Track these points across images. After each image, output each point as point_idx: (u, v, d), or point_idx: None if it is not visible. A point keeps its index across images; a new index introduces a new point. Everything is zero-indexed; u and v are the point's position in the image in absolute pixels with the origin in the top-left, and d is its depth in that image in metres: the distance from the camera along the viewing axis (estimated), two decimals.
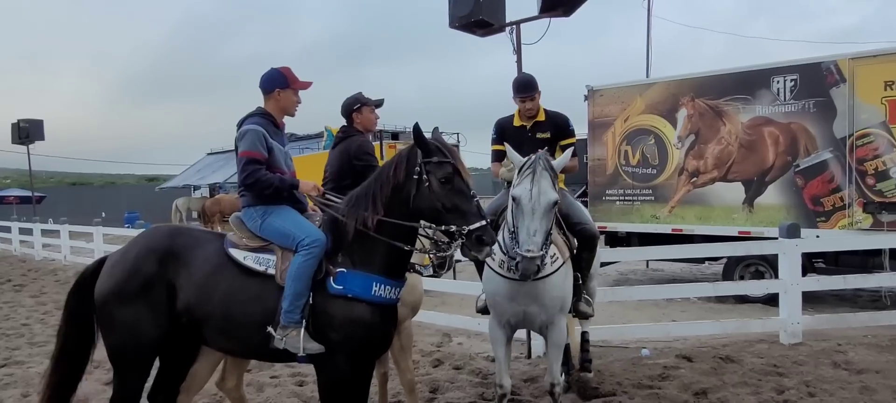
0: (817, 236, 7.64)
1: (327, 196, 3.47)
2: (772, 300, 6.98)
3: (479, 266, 4.15)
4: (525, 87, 4.35)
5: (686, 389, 4.69)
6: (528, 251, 3.24)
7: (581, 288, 4.10)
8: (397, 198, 3.11)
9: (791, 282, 5.85)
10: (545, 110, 4.43)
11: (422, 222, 3.19)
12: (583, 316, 4.27)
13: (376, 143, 9.87)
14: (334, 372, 3.13)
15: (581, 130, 9.97)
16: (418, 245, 3.31)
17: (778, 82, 8.09)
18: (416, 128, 3.10)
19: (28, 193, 24.81)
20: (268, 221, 3.29)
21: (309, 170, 9.02)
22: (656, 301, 8.27)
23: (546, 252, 3.41)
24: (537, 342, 5.65)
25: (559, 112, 4.51)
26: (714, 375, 4.98)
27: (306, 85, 3.53)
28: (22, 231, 17.80)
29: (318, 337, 3.10)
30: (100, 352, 3.47)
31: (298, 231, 3.19)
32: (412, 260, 3.38)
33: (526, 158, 3.46)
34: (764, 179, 8.27)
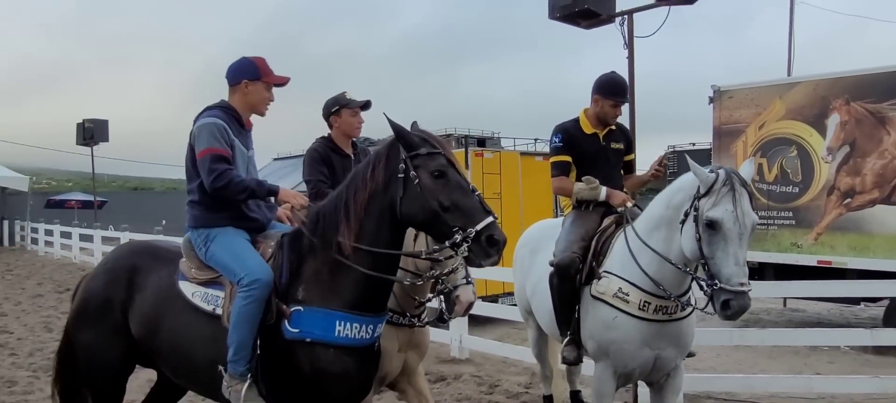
0: None
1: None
2: None
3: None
4: (621, 90, 4.22)
5: None
6: (742, 284, 3.07)
7: None
8: (378, 207, 2.90)
9: None
10: None
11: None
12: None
13: (460, 151, 9.91)
14: None
15: (705, 138, 9.67)
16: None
17: None
18: (394, 124, 2.91)
19: (90, 197, 26.90)
20: (211, 250, 3.17)
21: None
22: (796, 348, 7.82)
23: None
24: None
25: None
26: None
27: (282, 80, 3.39)
28: (82, 237, 19.31)
29: (282, 394, 2.99)
30: None
31: (239, 266, 3.03)
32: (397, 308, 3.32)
33: (712, 173, 3.27)
34: None
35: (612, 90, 4.16)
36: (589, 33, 6.32)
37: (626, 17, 5.87)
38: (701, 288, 3.34)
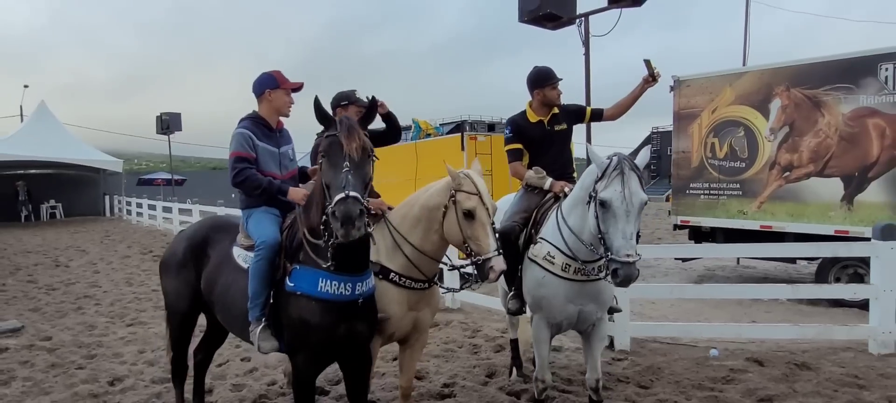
0: None
1: None
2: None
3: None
4: (552, 74, 4.11)
5: (750, 394, 4.31)
6: (628, 256, 3.00)
7: None
8: (323, 187, 2.84)
9: (883, 288, 5.18)
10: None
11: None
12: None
13: (457, 136, 9.81)
14: (297, 371, 3.05)
15: (666, 122, 9.42)
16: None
17: (886, 70, 7.12)
18: (315, 101, 2.83)
19: (170, 176, 27.40)
20: (248, 223, 3.35)
21: (394, 161, 9.14)
22: (740, 300, 7.65)
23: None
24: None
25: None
26: (784, 382, 4.53)
27: (297, 86, 3.45)
28: (164, 209, 19.83)
29: (281, 336, 3.07)
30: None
31: (256, 233, 3.18)
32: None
33: (607, 160, 3.19)
34: (866, 175, 7.34)
35: (545, 78, 4.10)
36: (557, 34, 6.17)
37: (583, 19, 5.70)
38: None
